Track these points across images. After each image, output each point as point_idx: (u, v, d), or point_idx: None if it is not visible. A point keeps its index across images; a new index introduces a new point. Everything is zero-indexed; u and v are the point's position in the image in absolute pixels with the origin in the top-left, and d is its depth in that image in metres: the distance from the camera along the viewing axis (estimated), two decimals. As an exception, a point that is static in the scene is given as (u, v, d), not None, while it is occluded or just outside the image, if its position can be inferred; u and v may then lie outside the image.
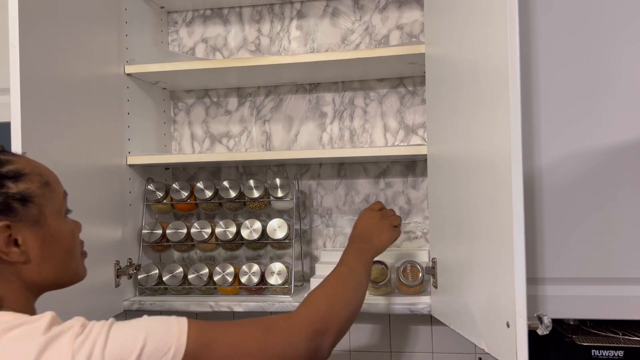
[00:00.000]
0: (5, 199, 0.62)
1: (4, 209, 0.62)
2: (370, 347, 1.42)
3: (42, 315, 0.59)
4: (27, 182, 0.65)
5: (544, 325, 0.72)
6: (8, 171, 0.64)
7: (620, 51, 0.96)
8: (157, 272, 1.29)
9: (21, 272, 0.65)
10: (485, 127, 0.81)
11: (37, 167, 0.69)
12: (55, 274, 0.68)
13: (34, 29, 0.96)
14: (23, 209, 0.64)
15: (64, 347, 0.55)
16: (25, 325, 0.58)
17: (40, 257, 0.66)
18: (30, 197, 0.64)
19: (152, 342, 0.59)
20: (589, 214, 0.96)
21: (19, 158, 0.67)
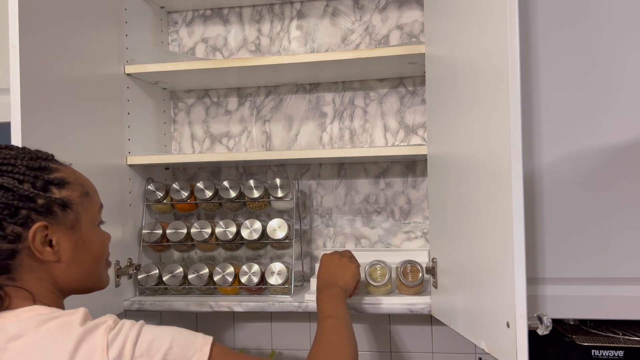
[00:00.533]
0: (48, 202, 0.68)
1: (45, 211, 0.68)
2: (370, 347, 1.42)
3: (76, 309, 0.65)
4: (70, 190, 0.72)
5: (544, 325, 0.72)
6: (54, 178, 0.70)
7: (620, 51, 0.96)
8: (157, 272, 1.29)
9: (52, 271, 0.69)
10: (485, 127, 0.81)
11: (80, 178, 0.76)
12: (82, 277, 0.74)
13: (34, 29, 0.96)
14: (62, 214, 0.70)
15: (99, 339, 0.61)
16: (62, 317, 0.64)
17: (70, 259, 0.71)
18: (70, 203, 0.71)
19: (177, 346, 0.65)
20: (589, 214, 0.96)
21: (65, 168, 0.75)
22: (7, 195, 0.65)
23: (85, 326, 0.63)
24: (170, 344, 0.65)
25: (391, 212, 1.41)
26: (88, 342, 0.61)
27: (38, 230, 0.67)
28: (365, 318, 1.42)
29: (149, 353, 0.63)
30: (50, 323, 0.63)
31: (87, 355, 0.60)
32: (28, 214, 0.66)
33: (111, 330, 0.63)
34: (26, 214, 0.66)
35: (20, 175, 0.67)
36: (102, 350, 0.61)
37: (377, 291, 1.20)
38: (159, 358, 0.63)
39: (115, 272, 1.21)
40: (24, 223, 0.66)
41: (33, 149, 0.74)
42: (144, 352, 0.62)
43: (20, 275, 0.67)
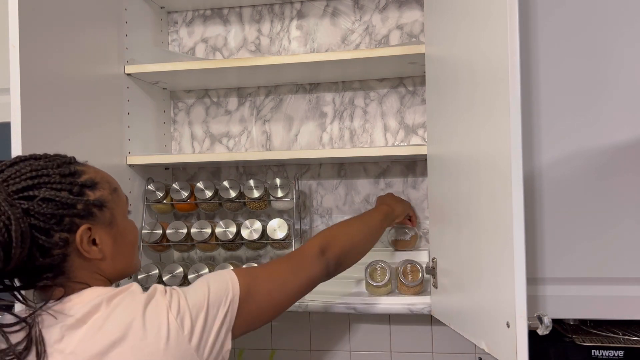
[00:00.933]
0: (86, 206, 0.73)
1: (86, 214, 0.73)
2: (370, 347, 1.42)
3: (129, 284, 0.75)
4: (101, 190, 0.77)
5: (544, 325, 0.72)
6: (86, 180, 0.75)
7: (620, 51, 0.96)
8: (157, 272, 1.29)
9: (99, 266, 0.76)
10: (485, 127, 0.81)
11: (105, 175, 0.81)
12: (124, 266, 0.81)
13: (34, 29, 0.96)
14: (100, 213, 0.75)
15: (160, 301, 0.72)
16: (125, 291, 0.73)
17: (113, 253, 0.78)
18: (105, 202, 0.76)
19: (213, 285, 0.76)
20: (589, 214, 0.96)
21: (87, 167, 0.79)
22: (51, 205, 0.70)
23: (145, 294, 0.73)
24: (208, 286, 0.76)
25: (391, 212, 1.41)
26: (153, 304, 0.71)
27: (83, 233, 0.72)
28: (365, 318, 1.42)
29: (197, 301, 0.73)
30: (118, 297, 0.71)
31: (155, 314, 0.70)
32: (72, 220, 0.72)
33: (165, 294, 0.73)
34: (70, 220, 0.71)
35: (56, 184, 0.71)
36: (166, 308, 0.71)
37: (377, 291, 1.21)
38: (206, 301, 0.74)
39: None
40: (69, 228, 0.71)
41: (53, 154, 0.77)
42: (195, 302, 0.73)
43: (74, 274, 0.73)
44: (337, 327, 1.43)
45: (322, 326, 1.44)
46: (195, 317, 0.72)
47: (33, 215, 0.68)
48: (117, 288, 0.74)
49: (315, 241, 0.95)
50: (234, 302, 0.76)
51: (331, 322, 1.44)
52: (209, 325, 0.73)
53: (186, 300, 0.73)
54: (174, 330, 0.69)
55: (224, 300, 0.76)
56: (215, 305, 0.74)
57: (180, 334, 0.69)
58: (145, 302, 0.71)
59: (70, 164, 0.76)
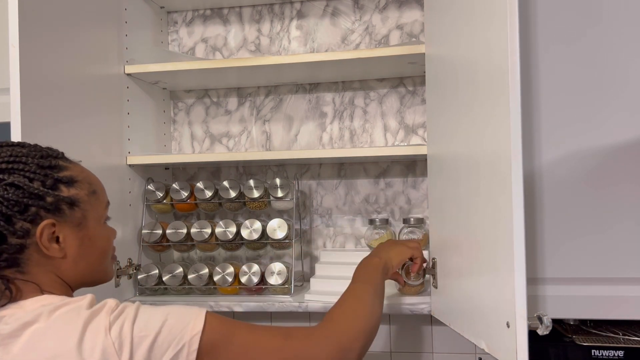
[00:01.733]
0: (56, 200, 0.70)
1: (54, 209, 0.70)
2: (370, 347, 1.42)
3: (84, 296, 0.69)
4: (78, 189, 0.74)
5: (544, 325, 0.72)
6: (64, 176, 0.73)
7: (620, 51, 0.96)
8: (157, 272, 1.29)
9: (58, 266, 0.72)
10: (485, 127, 0.81)
11: (89, 176, 0.78)
12: (87, 272, 0.76)
13: (34, 29, 0.96)
14: (69, 211, 0.72)
15: (102, 320, 0.65)
16: (71, 304, 0.67)
17: (76, 255, 0.73)
18: (77, 201, 0.73)
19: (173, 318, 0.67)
20: (589, 214, 0.96)
21: (75, 166, 0.77)
22: (18, 192, 0.68)
23: (91, 310, 0.66)
24: (166, 317, 0.67)
25: (391, 212, 1.41)
26: (94, 323, 0.65)
27: (46, 227, 0.69)
28: (365, 318, 1.42)
29: (146, 328, 0.65)
30: (61, 309, 0.66)
31: (93, 335, 0.64)
32: (37, 211, 0.69)
33: (113, 312, 0.66)
34: (35, 211, 0.69)
35: (31, 173, 0.69)
36: (105, 330, 0.64)
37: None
38: (156, 332, 0.65)
39: (115, 272, 1.21)
40: (32, 220, 0.68)
41: (45, 146, 0.76)
42: (142, 329, 0.65)
43: (28, 269, 0.69)
44: (337, 327, 1.43)
45: (322, 326, 1.44)
46: (136, 346, 0.64)
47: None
48: (66, 299, 0.69)
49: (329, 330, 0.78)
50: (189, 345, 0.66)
51: (331, 322, 1.44)
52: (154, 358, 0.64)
53: (132, 325, 0.65)
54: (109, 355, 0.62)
55: (175, 342, 0.66)
56: (165, 342, 0.65)
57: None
58: (87, 320, 0.65)
59: (55, 158, 0.74)
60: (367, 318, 0.83)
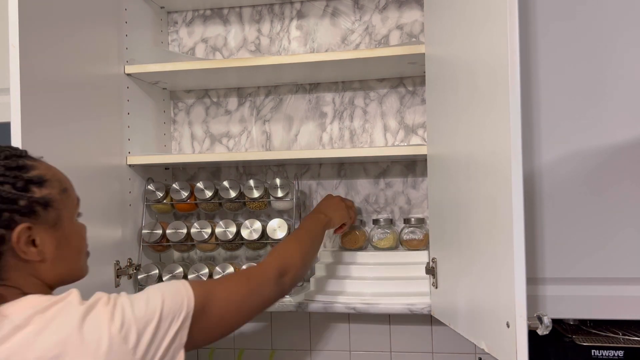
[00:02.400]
0: (29, 203, 0.68)
1: (28, 212, 0.68)
2: (370, 347, 1.42)
3: (67, 292, 0.69)
4: (49, 188, 0.72)
5: (544, 325, 0.72)
6: (33, 176, 0.70)
7: (620, 51, 0.96)
8: (157, 272, 1.29)
9: (37, 269, 0.71)
10: (485, 127, 0.81)
11: (56, 173, 0.75)
12: (66, 271, 0.75)
13: (34, 29, 0.96)
14: (44, 213, 0.70)
15: (101, 313, 0.66)
16: (60, 302, 0.67)
17: (54, 257, 0.72)
18: (51, 202, 0.71)
19: (168, 299, 0.71)
20: (589, 214, 0.96)
21: (40, 163, 0.74)
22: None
23: (84, 305, 0.67)
24: (162, 298, 0.71)
25: (391, 212, 1.41)
26: (92, 316, 0.65)
27: (22, 231, 0.67)
28: (365, 318, 1.42)
29: (147, 312, 0.68)
30: (53, 308, 0.66)
31: (94, 327, 0.64)
32: (11, 216, 0.66)
33: (108, 304, 0.67)
34: (9, 216, 0.66)
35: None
36: (108, 321, 0.65)
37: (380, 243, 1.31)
38: (158, 314, 0.69)
39: (115, 272, 1.21)
40: (7, 225, 0.66)
41: (4, 145, 0.73)
42: (144, 314, 0.68)
43: (7, 275, 0.68)
44: (337, 327, 1.43)
45: (322, 326, 1.44)
46: (142, 330, 0.67)
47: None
48: (53, 297, 0.68)
49: (274, 263, 0.95)
50: (187, 318, 0.72)
51: (331, 322, 1.44)
52: (158, 339, 0.68)
53: (132, 311, 0.67)
54: (116, 344, 0.64)
55: (177, 315, 0.71)
56: (167, 320, 0.70)
57: (122, 348, 0.64)
58: (83, 314, 0.65)
59: (20, 157, 0.71)
60: (303, 256, 1.02)
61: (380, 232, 1.32)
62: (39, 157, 0.76)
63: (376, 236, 1.32)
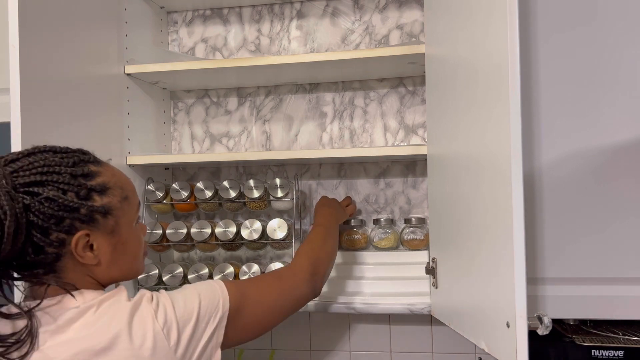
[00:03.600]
0: (90, 211, 0.71)
1: (88, 220, 0.71)
2: (370, 347, 1.42)
3: (117, 290, 0.74)
4: (110, 196, 0.74)
5: (544, 325, 0.72)
6: (96, 185, 0.73)
7: (620, 50, 0.96)
8: (157, 272, 1.29)
9: (93, 271, 0.74)
10: (485, 127, 0.81)
11: (120, 180, 0.78)
12: (120, 274, 0.79)
13: (34, 29, 0.96)
14: (103, 220, 0.73)
15: (146, 309, 0.71)
16: (111, 297, 0.72)
17: (109, 261, 0.75)
18: (110, 210, 0.74)
19: (205, 299, 0.75)
20: (589, 214, 0.96)
21: (105, 169, 0.76)
22: (53, 205, 0.68)
23: (132, 301, 0.71)
24: (199, 299, 0.75)
25: (391, 212, 1.41)
26: (139, 313, 0.70)
27: (80, 237, 0.71)
28: (365, 318, 1.42)
29: (186, 312, 0.73)
30: (104, 304, 0.70)
31: (141, 324, 0.69)
32: (72, 223, 0.70)
33: (151, 301, 0.72)
34: (70, 222, 0.70)
35: (64, 184, 0.70)
36: (152, 318, 0.70)
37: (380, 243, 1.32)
38: (195, 314, 0.73)
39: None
40: (68, 230, 0.70)
41: (75, 149, 0.75)
42: (183, 313, 0.72)
43: (65, 275, 0.72)
44: (337, 327, 1.43)
45: (322, 326, 1.44)
46: (182, 329, 0.71)
47: (33, 212, 0.67)
48: (104, 294, 0.73)
49: (305, 263, 0.98)
50: (223, 318, 0.76)
51: (331, 322, 1.44)
52: (196, 338, 0.72)
53: (174, 310, 0.72)
54: (160, 341, 0.69)
55: (214, 315, 0.75)
56: (204, 320, 0.74)
57: (165, 345, 0.69)
58: (131, 311, 0.70)
59: (87, 163, 0.74)
60: (328, 253, 1.07)
61: (380, 232, 1.32)
62: (107, 160, 0.79)
63: (377, 236, 1.33)
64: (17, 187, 0.67)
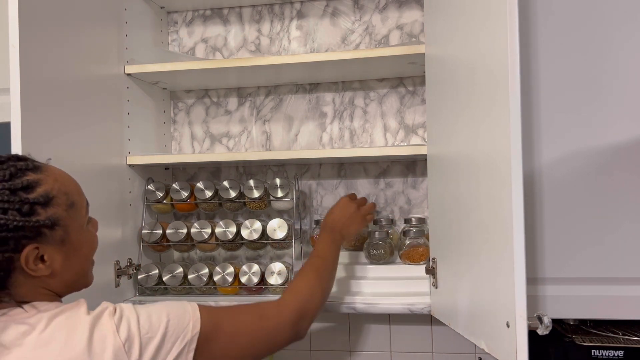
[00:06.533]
0: (35, 227, 0.67)
1: (34, 235, 0.67)
2: (370, 347, 1.42)
3: (76, 302, 0.70)
4: (55, 206, 0.70)
5: (544, 325, 0.72)
6: (39, 196, 0.68)
7: (620, 50, 0.96)
8: (157, 272, 1.29)
9: (46, 282, 0.71)
10: (485, 127, 0.81)
11: (63, 184, 0.73)
12: (74, 279, 0.75)
13: (34, 29, 0.96)
14: (50, 232, 0.69)
15: (107, 324, 0.66)
16: (68, 311, 0.68)
17: (62, 269, 0.72)
18: (57, 220, 0.70)
19: (173, 318, 0.71)
20: (589, 214, 0.96)
21: (46, 175, 0.71)
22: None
23: (91, 315, 0.67)
24: (168, 317, 0.70)
25: (391, 212, 1.41)
26: (99, 328, 0.66)
27: (30, 252, 0.67)
28: (365, 318, 1.42)
29: (151, 329, 0.68)
30: (59, 317, 0.66)
31: (101, 340, 0.65)
32: (17, 241, 0.66)
33: (114, 315, 0.68)
34: (15, 241, 0.66)
35: (3, 203, 0.66)
36: (113, 333, 0.66)
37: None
38: (162, 332, 0.69)
39: (115, 272, 1.21)
40: (14, 249, 0.66)
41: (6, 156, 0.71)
42: (148, 329, 0.68)
43: (16, 290, 0.69)
44: (337, 327, 1.43)
45: (322, 326, 1.44)
46: (145, 346, 0.67)
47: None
48: (61, 305, 0.69)
49: (294, 303, 0.88)
50: (192, 342, 0.71)
51: (331, 322, 1.44)
52: (160, 358, 0.68)
53: (138, 324, 0.68)
54: (120, 356, 0.65)
55: (181, 336, 0.70)
56: (171, 339, 0.69)
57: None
58: (91, 325, 0.66)
59: (25, 172, 0.69)
60: (323, 291, 0.97)
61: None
62: (47, 161, 0.75)
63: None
64: None
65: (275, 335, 0.84)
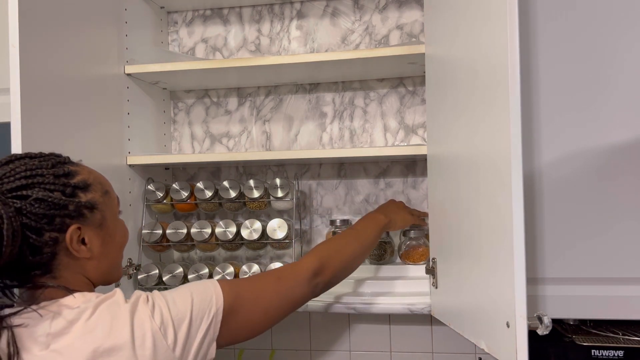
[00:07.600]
0: (77, 207, 0.74)
1: (77, 215, 0.74)
2: (370, 347, 1.42)
3: (113, 292, 0.75)
4: (93, 192, 0.77)
5: (544, 325, 0.72)
6: (79, 182, 0.76)
7: (620, 50, 0.96)
8: (157, 272, 1.29)
9: (85, 267, 0.77)
10: (485, 127, 0.81)
11: (97, 176, 0.81)
12: (109, 269, 0.81)
13: (34, 29, 0.96)
14: (90, 215, 0.76)
15: (143, 311, 0.72)
16: (109, 299, 0.73)
17: (100, 254, 0.78)
18: (96, 204, 0.77)
19: (197, 297, 0.76)
20: (589, 214, 0.96)
21: (82, 168, 0.79)
22: (43, 206, 0.71)
23: (129, 303, 0.73)
24: (192, 297, 0.76)
25: (391, 212, 1.41)
26: (137, 314, 0.71)
27: (73, 232, 0.73)
28: (365, 318, 1.42)
29: (180, 311, 0.74)
30: (102, 305, 0.71)
31: (140, 325, 0.70)
32: (62, 220, 0.72)
33: (147, 302, 0.74)
34: (61, 220, 0.72)
35: (50, 184, 0.72)
36: (149, 319, 0.71)
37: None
38: (189, 311, 0.74)
39: (116, 272, 1.21)
40: (60, 228, 0.72)
41: (48, 153, 0.78)
42: (177, 312, 0.73)
43: (60, 274, 0.74)
44: (337, 327, 1.43)
45: (322, 326, 1.44)
46: (178, 328, 0.73)
47: (25, 215, 0.69)
48: (100, 295, 0.74)
49: (311, 261, 0.94)
50: (217, 314, 0.77)
51: (331, 322, 1.44)
52: (192, 336, 0.74)
53: (169, 310, 0.73)
54: (158, 340, 0.70)
55: (207, 313, 0.76)
56: (198, 317, 0.75)
57: (164, 344, 0.70)
58: (131, 311, 0.71)
59: (64, 164, 0.77)
60: (344, 260, 0.99)
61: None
62: (79, 161, 0.81)
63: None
64: (5, 194, 0.69)
65: (293, 293, 0.89)
